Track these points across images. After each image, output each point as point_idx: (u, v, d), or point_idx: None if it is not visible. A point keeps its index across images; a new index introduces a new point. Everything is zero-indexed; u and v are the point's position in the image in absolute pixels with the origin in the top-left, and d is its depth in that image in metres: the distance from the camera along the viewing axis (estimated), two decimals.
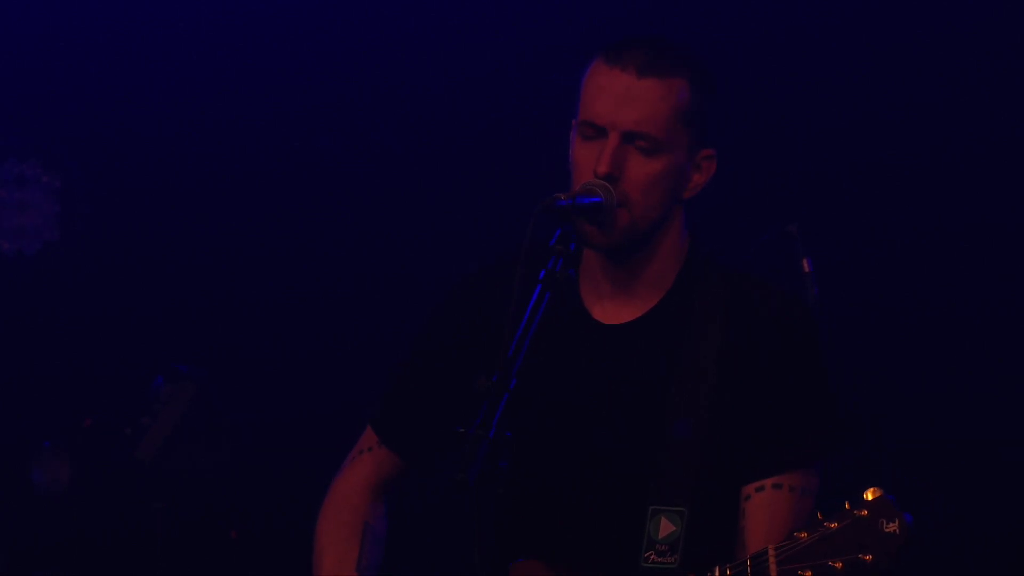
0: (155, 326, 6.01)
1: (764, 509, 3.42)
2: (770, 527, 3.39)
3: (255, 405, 5.76)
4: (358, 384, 4.87)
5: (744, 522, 3.43)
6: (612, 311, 3.48)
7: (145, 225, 6.09)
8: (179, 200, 6.09)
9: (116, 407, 5.64)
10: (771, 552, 3.15)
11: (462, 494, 2.94)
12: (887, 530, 3.06)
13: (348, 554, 3.55)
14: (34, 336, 6.06)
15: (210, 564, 5.64)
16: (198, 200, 6.09)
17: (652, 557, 3.38)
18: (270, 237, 6.06)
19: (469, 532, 3.04)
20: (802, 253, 4.92)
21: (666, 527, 3.39)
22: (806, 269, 4.91)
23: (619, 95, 3.36)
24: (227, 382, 5.75)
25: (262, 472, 5.71)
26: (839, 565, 3.09)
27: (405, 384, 3.63)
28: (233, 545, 5.48)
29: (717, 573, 3.22)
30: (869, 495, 3.11)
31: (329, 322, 5.90)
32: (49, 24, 6.06)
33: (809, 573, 3.12)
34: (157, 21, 6.07)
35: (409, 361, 3.63)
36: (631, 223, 3.37)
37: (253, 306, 6.02)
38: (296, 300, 6.01)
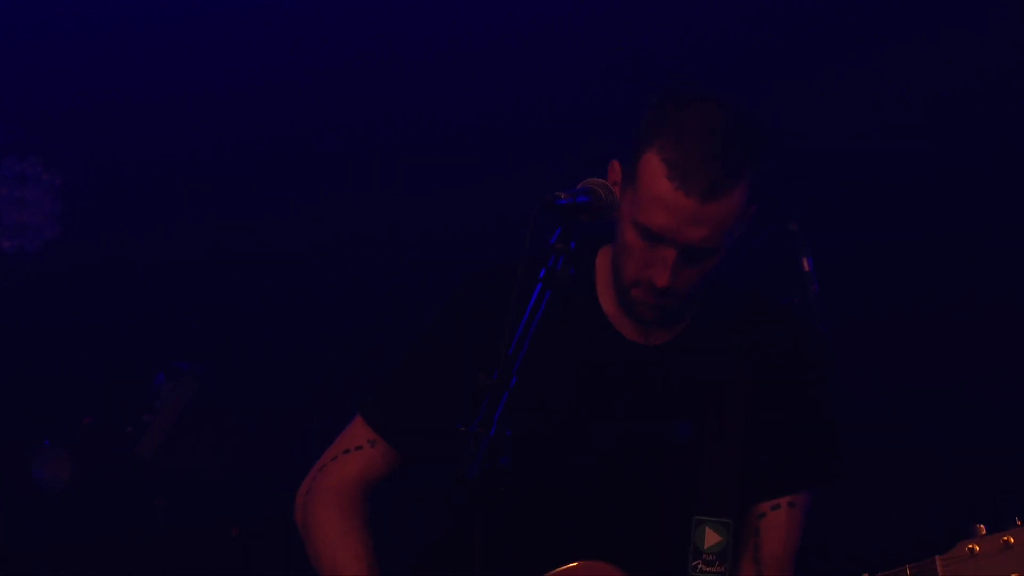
0: (156, 324, 6.01)
1: (780, 527, 3.48)
2: (786, 544, 3.47)
3: (256, 403, 5.76)
4: (359, 382, 4.87)
5: (759, 538, 3.48)
6: (642, 333, 3.50)
7: (146, 223, 6.09)
8: (180, 198, 6.09)
9: (117, 404, 5.64)
10: (939, 562, 3.12)
11: (463, 491, 2.95)
12: None
13: (368, 551, 3.52)
14: (35, 334, 6.06)
15: (210, 561, 5.64)
16: (199, 198, 6.09)
17: (700, 566, 3.42)
18: (271, 235, 6.06)
19: (470, 528, 3.05)
20: (802, 252, 4.92)
21: (712, 537, 3.43)
22: (806, 268, 4.91)
23: (683, 218, 3.30)
24: (228, 380, 5.76)
25: (262, 470, 5.71)
26: None
27: (411, 381, 3.60)
28: (234, 542, 5.49)
29: None
30: None
31: (330, 320, 5.90)
32: (49, 23, 6.06)
33: None
34: (158, 21, 6.07)
35: (416, 358, 3.61)
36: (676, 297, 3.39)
37: (254, 304, 6.02)
38: (297, 298, 6.01)
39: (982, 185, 5.51)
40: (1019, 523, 3.09)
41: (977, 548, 3.09)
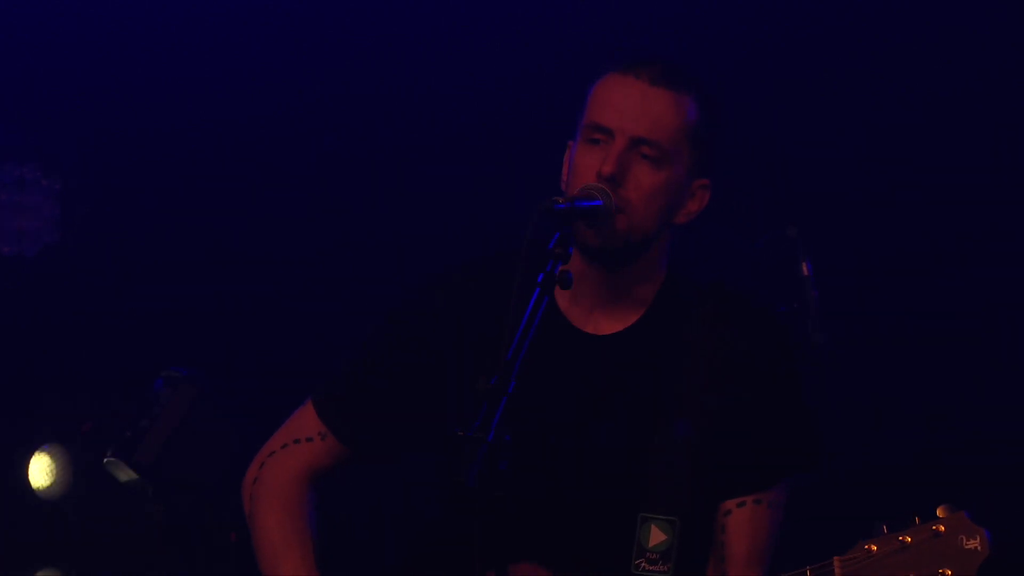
0: (155, 329, 6.01)
1: (746, 524, 3.47)
2: (753, 541, 3.46)
3: (255, 408, 5.76)
4: None
5: (725, 537, 3.46)
6: (597, 323, 3.50)
7: (145, 227, 6.08)
8: (179, 202, 6.09)
9: (116, 410, 5.64)
10: (836, 563, 3.15)
11: (461, 496, 2.94)
12: (967, 546, 3.08)
13: (307, 553, 3.55)
14: (34, 339, 6.06)
15: (210, 566, 5.64)
16: (198, 202, 6.09)
17: (643, 565, 3.41)
18: (270, 239, 6.05)
19: (468, 533, 3.05)
20: (801, 256, 4.91)
21: (656, 535, 3.42)
22: (805, 272, 4.90)
23: (630, 100, 3.39)
24: (227, 385, 5.75)
25: None
26: None
27: (368, 379, 3.59)
28: (233, 547, 5.48)
29: None
30: (942, 511, 3.11)
31: (330, 324, 5.89)
32: (49, 26, 6.05)
33: None
34: (158, 22, 6.07)
35: (370, 358, 3.61)
36: (628, 229, 3.38)
37: (254, 308, 6.02)
38: (297, 302, 6.00)
39: (983, 188, 5.50)
40: (917, 521, 3.12)
41: (875, 548, 3.12)
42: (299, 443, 3.64)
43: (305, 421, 3.66)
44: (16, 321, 6.03)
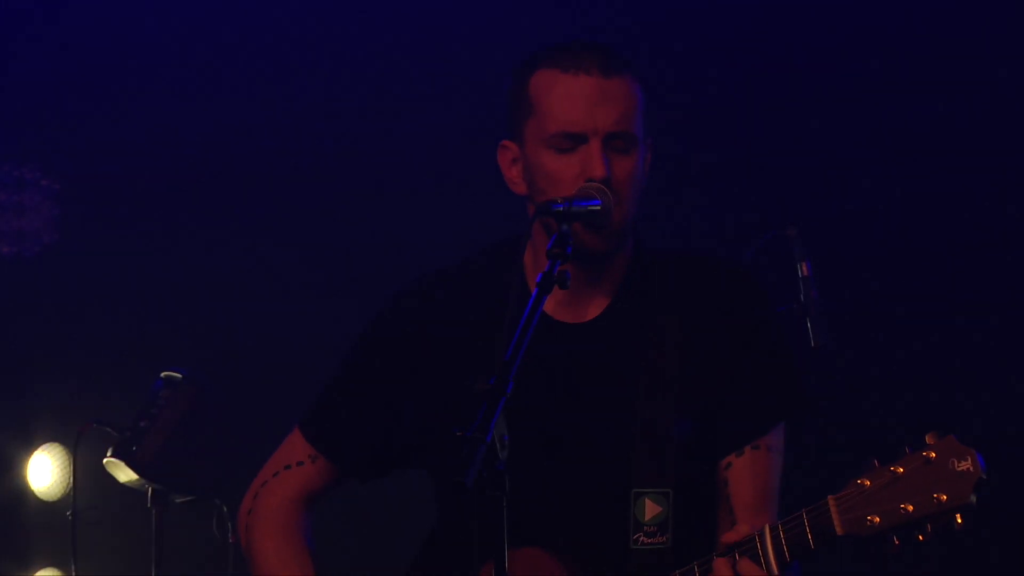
0: (154, 329, 6.01)
1: (747, 470, 3.47)
2: (757, 486, 3.47)
3: (254, 409, 5.76)
4: None
5: (729, 489, 3.48)
6: (570, 311, 3.51)
7: (145, 228, 6.09)
8: (179, 203, 6.10)
9: (115, 410, 5.64)
10: (831, 502, 3.11)
11: (460, 497, 2.95)
12: (959, 468, 3.02)
13: (307, 574, 3.56)
14: (33, 339, 6.06)
15: (209, 568, 5.64)
16: (198, 203, 6.09)
17: (642, 539, 3.42)
18: (269, 239, 6.05)
19: (467, 533, 3.05)
20: (801, 256, 4.91)
21: (652, 509, 3.43)
22: (804, 272, 4.90)
23: (592, 100, 3.37)
24: (226, 386, 5.75)
25: None
26: (910, 508, 3.03)
27: (349, 397, 3.62)
28: (232, 547, 5.48)
29: (768, 532, 3.19)
30: (931, 438, 3.06)
31: (329, 324, 5.89)
32: (48, 26, 6.06)
33: (878, 519, 3.06)
34: (157, 23, 6.08)
35: (352, 374, 3.63)
36: (623, 221, 3.40)
37: (253, 309, 6.02)
38: (296, 302, 6.00)
39: (983, 188, 5.49)
40: (908, 452, 3.08)
41: (868, 483, 3.08)
42: (290, 469, 3.65)
43: (294, 446, 3.68)
44: (16, 321, 6.03)
